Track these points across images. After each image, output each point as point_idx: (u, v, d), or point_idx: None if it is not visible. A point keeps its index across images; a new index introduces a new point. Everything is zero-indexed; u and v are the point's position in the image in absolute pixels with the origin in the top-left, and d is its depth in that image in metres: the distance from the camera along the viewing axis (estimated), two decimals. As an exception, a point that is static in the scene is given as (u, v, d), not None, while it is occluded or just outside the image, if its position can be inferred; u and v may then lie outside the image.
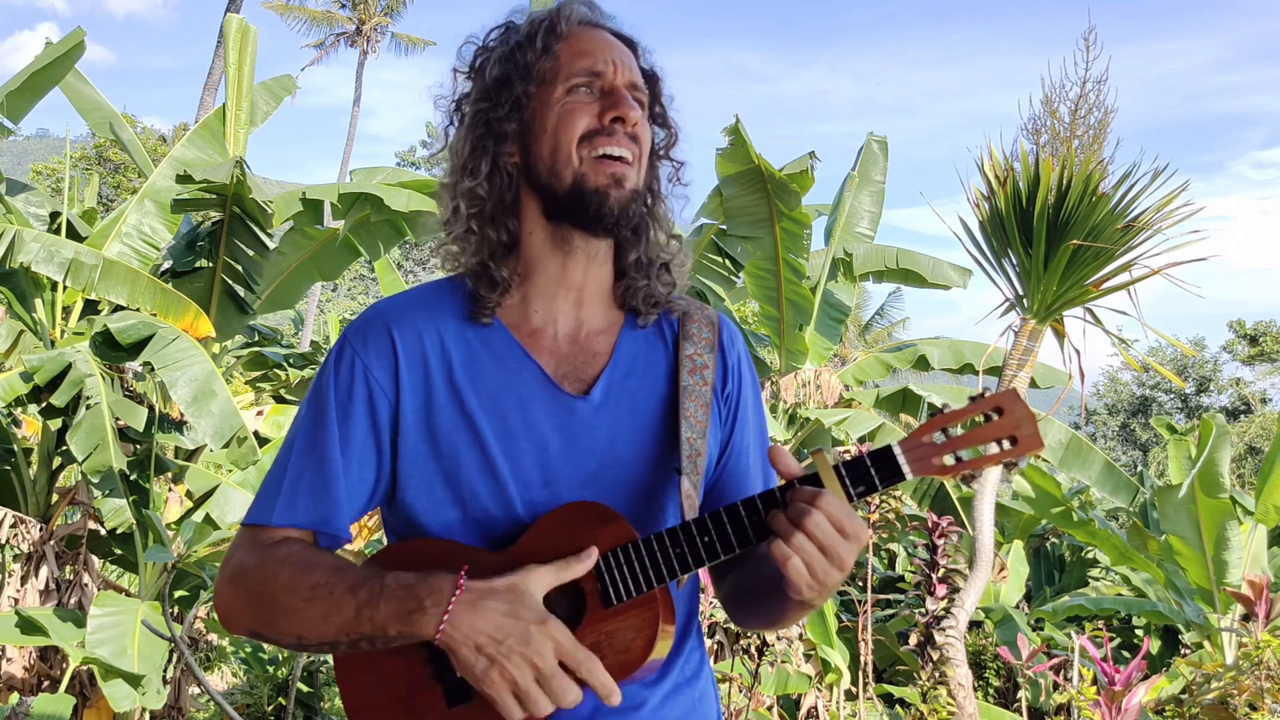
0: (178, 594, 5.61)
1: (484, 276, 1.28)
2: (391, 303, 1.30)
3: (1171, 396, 33.86)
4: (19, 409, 6.00)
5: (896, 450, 1.15)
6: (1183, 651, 7.49)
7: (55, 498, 5.73)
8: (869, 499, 5.26)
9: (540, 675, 1.08)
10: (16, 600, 5.09)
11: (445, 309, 1.28)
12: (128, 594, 5.54)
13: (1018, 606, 8.06)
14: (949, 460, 1.15)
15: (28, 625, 4.46)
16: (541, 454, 1.23)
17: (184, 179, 6.26)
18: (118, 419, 5.10)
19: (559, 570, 1.14)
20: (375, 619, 1.13)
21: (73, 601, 5.17)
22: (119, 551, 5.51)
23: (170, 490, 6.43)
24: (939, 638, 4.46)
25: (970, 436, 1.15)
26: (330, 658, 1.28)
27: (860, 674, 5.20)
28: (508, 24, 1.32)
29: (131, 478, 5.16)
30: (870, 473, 1.15)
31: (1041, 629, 7.69)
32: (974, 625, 7.23)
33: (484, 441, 1.22)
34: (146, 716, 5.02)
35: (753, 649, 4.60)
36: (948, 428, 1.16)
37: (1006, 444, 1.15)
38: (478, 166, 1.28)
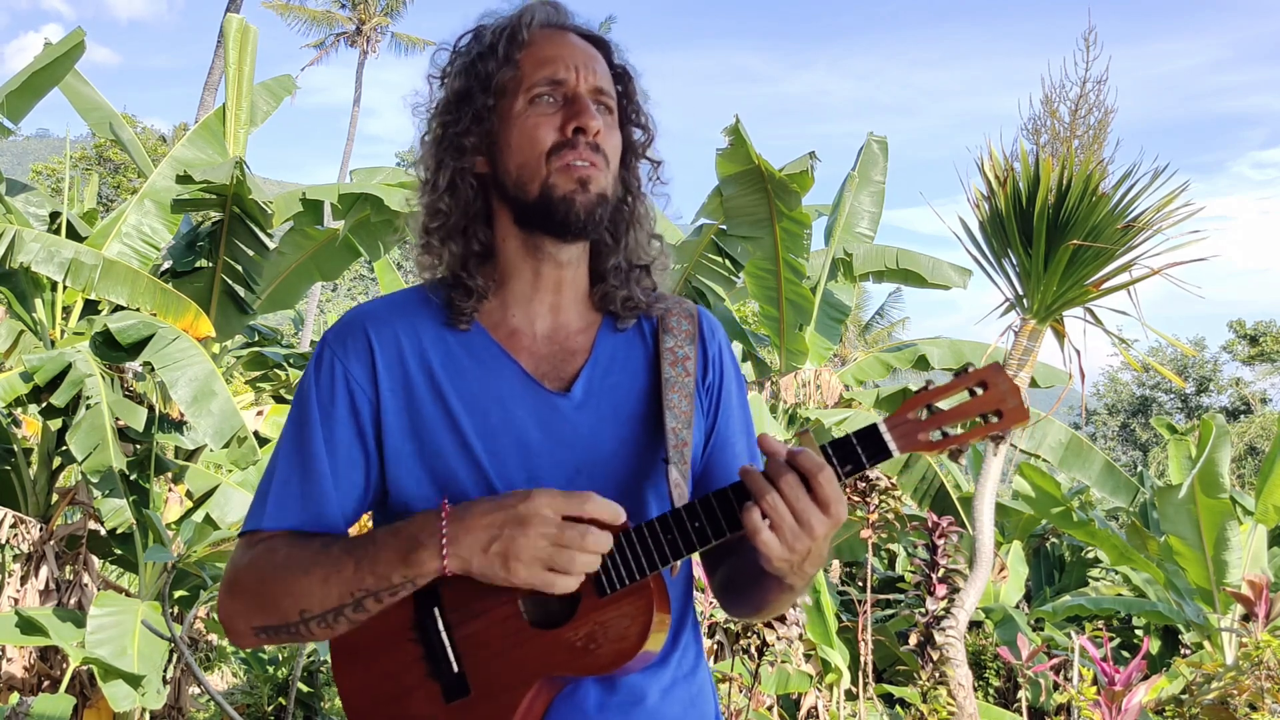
0: (178, 594, 5.61)
1: (458, 286, 1.28)
2: (369, 307, 1.31)
3: (1171, 396, 33.85)
4: (19, 409, 6.00)
5: (882, 427, 1.15)
6: (1183, 651, 7.49)
7: (55, 498, 5.73)
8: (869, 499, 5.27)
9: (554, 538, 1.09)
10: (16, 600, 5.09)
11: (424, 312, 1.29)
12: (128, 594, 5.54)
13: (1018, 606, 8.07)
14: (935, 436, 1.15)
15: (28, 625, 4.46)
16: (524, 451, 1.24)
17: (184, 179, 6.26)
18: (118, 419, 5.10)
19: (562, 495, 1.13)
20: (377, 570, 1.13)
21: (73, 601, 5.17)
22: (119, 551, 5.51)
23: (170, 490, 6.43)
24: (939, 638, 4.46)
25: (956, 411, 1.15)
26: (330, 657, 1.28)
27: (860, 674, 5.20)
28: (477, 29, 1.31)
29: (131, 478, 5.16)
30: (857, 451, 1.14)
31: (1041, 629, 7.69)
32: (974, 625, 7.24)
33: (467, 440, 1.23)
34: (146, 716, 5.02)
35: (753, 649, 4.59)
36: (933, 404, 1.15)
37: (993, 418, 1.15)
38: (439, 181, 1.28)
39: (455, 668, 1.18)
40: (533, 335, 1.30)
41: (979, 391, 1.15)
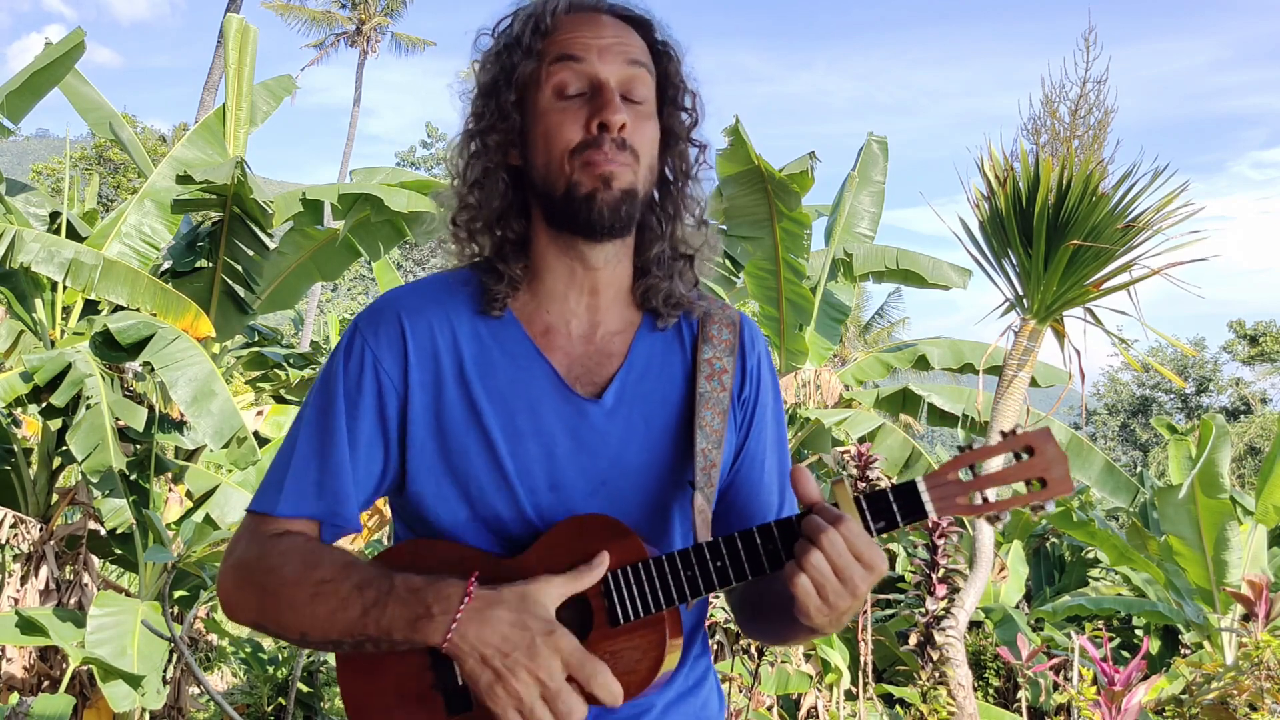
0: (178, 594, 5.61)
1: (491, 271, 1.25)
2: (404, 292, 1.27)
3: (1171, 396, 33.86)
4: (19, 409, 6.00)
5: (921, 487, 1.11)
6: (1183, 651, 7.49)
7: (55, 498, 5.73)
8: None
9: (546, 692, 1.06)
10: (16, 600, 5.09)
11: (459, 301, 1.25)
12: (128, 594, 5.54)
13: (1018, 606, 8.06)
14: (975, 500, 1.11)
15: (28, 625, 4.46)
16: (549, 457, 1.21)
17: (184, 179, 6.26)
18: (118, 419, 5.10)
19: (570, 581, 1.12)
20: (381, 622, 1.11)
21: (73, 601, 5.17)
22: (119, 551, 5.51)
23: (170, 490, 6.43)
24: (939, 638, 4.46)
25: (998, 476, 1.11)
26: (331, 657, 1.28)
27: (860, 674, 5.20)
28: (514, 13, 1.26)
29: (131, 478, 5.16)
30: (892, 508, 1.11)
31: (1041, 629, 7.69)
32: (974, 625, 7.23)
33: (492, 441, 1.20)
34: (146, 716, 5.02)
35: (753, 649, 4.60)
36: (975, 465, 1.12)
37: (1036, 485, 1.11)
38: (468, 174, 1.26)
39: (460, 680, 1.16)
40: (568, 334, 1.25)
41: (1024, 456, 1.12)
